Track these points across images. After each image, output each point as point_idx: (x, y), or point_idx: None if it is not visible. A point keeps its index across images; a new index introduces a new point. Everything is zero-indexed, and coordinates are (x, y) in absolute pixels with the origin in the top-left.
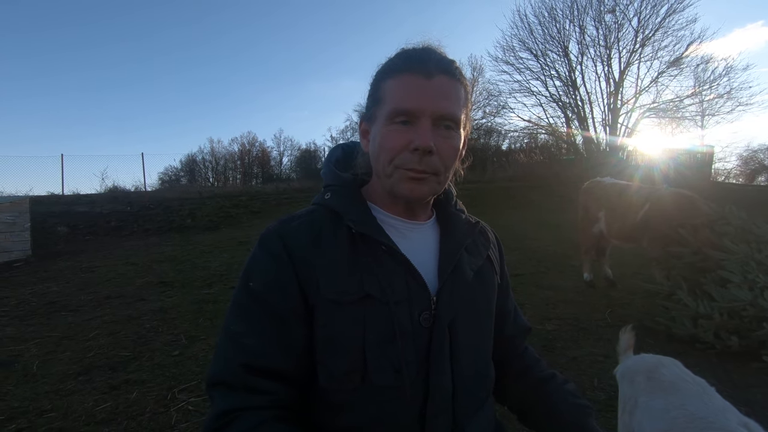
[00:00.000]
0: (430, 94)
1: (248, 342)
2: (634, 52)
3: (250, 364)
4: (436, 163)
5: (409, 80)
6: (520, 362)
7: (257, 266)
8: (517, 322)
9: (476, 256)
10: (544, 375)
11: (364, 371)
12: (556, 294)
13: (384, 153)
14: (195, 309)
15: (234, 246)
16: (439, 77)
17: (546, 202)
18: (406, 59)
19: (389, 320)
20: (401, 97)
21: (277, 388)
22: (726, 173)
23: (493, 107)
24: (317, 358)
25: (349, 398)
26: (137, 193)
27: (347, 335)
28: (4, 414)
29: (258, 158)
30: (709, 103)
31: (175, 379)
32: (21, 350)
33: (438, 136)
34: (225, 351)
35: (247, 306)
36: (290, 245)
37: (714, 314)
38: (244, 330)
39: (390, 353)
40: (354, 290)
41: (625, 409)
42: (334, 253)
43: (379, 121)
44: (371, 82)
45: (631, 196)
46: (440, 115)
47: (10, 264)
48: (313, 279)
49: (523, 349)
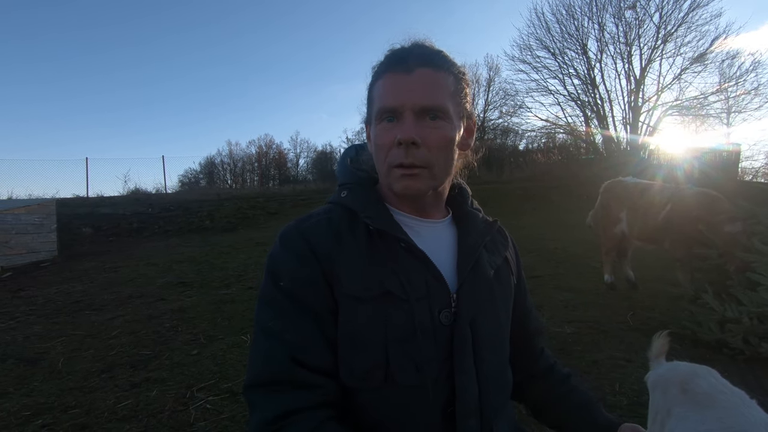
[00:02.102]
0: (410, 88)
1: (290, 338)
2: (656, 48)
3: (297, 357)
4: (423, 155)
5: (391, 78)
6: (543, 361)
7: (284, 266)
8: (535, 322)
9: (495, 254)
10: (565, 372)
11: (387, 369)
12: (576, 296)
13: (378, 152)
14: (213, 309)
15: (251, 247)
16: (420, 70)
17: (564, 202)
18: (388, 59)
19: (410, 317)
20: (384, 96)
21: (325, 382)
22: (754, 172)
23: (509, 107)
24: (339, 355)
25: (373, 397)
26: (158, 195)
27: (368, 332)
28: (30, 409)
29: (275, 160)
30: (735, 100)
31: (193, 378)
32: (47, 348)
33: (424, 128)
34: (266, 349)
35: (282, 304)
36: (312, 242)
37: (743, 318)
38: (283, 327)
39: (411, 351)
40: (374, 287)
41: (656, 419)
42: (353, 250)
43: (373, 122)
44: (367, 89)
45: (653, 195)
46: (421, 106)
47: (38, 264)
48: (336, 275)
49: (541, 349)
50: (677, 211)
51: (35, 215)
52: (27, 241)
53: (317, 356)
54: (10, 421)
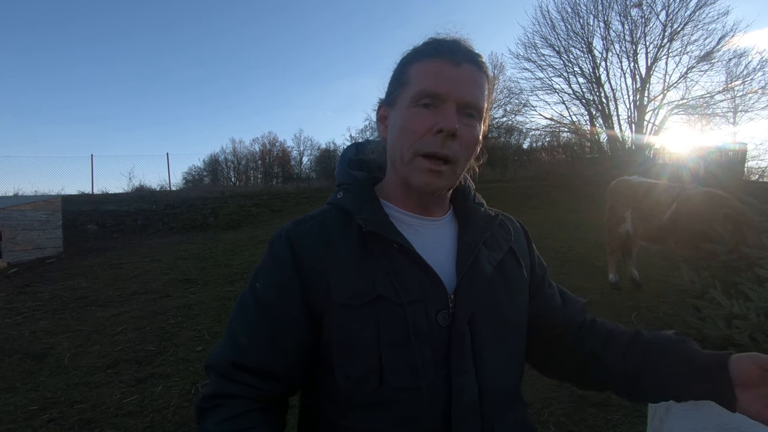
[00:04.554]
0: (458, 80)
1: (242, 341)
2: (662, 47)
3: (239, 362)
4: (456, 149)
5: (438, 65)
6: (599, 330)
7: (263, 268)
8: (570, 302)
9: (496, 250)
10: (632, 330)
11: (381, 373)
12: (580, 295)
13: (405, 136)
14: (217, 306)
15: (255, 244)
16: (467, 66)
17: (568, 201)
18: (435, 46)
19: (403, 321)
20: (429, 80)
21: (264, 384)
22: (760, 172)
23: (514, 105)
24: (334, 360)
25: (370, 399)
26: (162, 193)
27: (362, 337)
28: (37, 404)
29: (278, 158)
30: (742, 99)
31: (198, 374)
32: (54, 343)
33: (461, 123)
34: (224, 343)
35: (249, 305)
36: (298, 252)
37: (750, 314)
38: (240, 327)
39: (406, 354)
40: (366, 292)
41: (655, 415)
42: (345, 255)
43: (401, 104)
44: (395, 68)
45: (658, 195)
46: (466, 102)
47: (44, 260)
48: (323, 284)
49: (591, 320)
50: (682, 210)
51: (41, 212)
52: (33, 237)
53: (262, 361)
54: (17, 415)
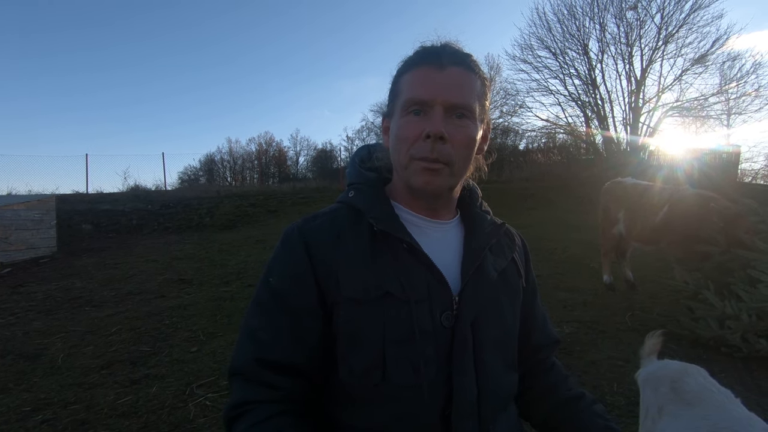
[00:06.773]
0: (442, 83)
1: (263, 336)
2: (657, 49)
3: (263, 358)
4: (448, 151)
5: (423, 71)
6: (548, 377)
7: (277, 263)
8: (546, 331)
9: (501, 257)
10: (573, 393)
11: (384, 370)
12: (574, 296)
13: (401, 143)
14: (213, 306)
15: (251, 244)
16: (452, 68)
17: (564, 202)
18: (421, 54)
19: (409, 319)
20: (414, 88)
21: (289, 382)
22: (753, 174)
23: (510, 106)
24: (339, 354)
25: (370, 395)
26: (158, 192)
27: (367, 333)
28: (30, 405)
29: (275, 158)
30: (735, 102)
31: (193, 375)
32: (47, 343)
33: (450, 125)
34: (243, 344)
35: (265, 301)
36: (310, 244)
37: (742, 315)
38: (260, 324)
39: (409, 352)
40: (374, 288)
41: (647, 415)
42: (354, 251)
43: (396, 114)
44: (392, 81)
45: (651, 197)
46: (451, 104)
47: (37, 260)
48: (333, 277)
49: (551, 363)
50: (675, 212)
51: (35, 211)
52: (26, 237)
53: (285, 356)
54: (10, 416)
